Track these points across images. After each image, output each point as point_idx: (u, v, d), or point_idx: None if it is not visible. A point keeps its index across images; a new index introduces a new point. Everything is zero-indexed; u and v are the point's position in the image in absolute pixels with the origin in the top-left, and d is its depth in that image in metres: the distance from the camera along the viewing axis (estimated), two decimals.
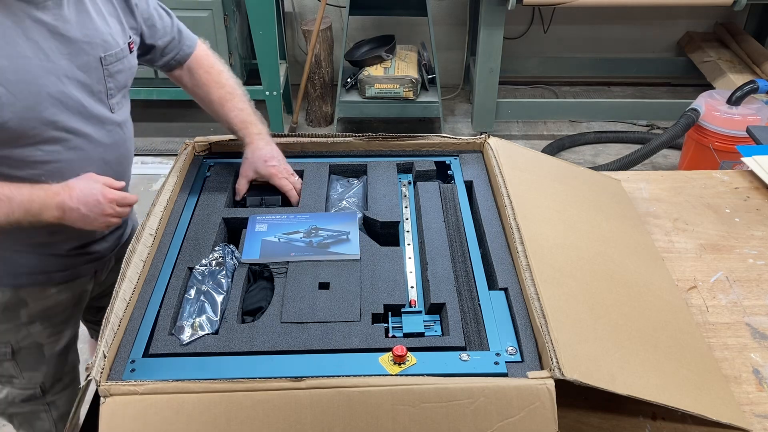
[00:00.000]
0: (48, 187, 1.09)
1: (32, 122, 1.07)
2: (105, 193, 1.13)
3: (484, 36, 3.38)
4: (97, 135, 1.19)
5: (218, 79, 1.44)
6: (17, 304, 1.26)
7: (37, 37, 1.05)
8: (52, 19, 1.07)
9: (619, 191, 1.51)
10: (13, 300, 1.24)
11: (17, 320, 1.27)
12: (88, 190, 1.12)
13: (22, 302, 1.26)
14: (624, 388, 0.92)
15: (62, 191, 1.10)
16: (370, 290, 1.10)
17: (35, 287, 1.25)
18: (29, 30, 1.04)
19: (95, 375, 0.89)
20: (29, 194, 1.06)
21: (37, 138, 1.09)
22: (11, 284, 1.23)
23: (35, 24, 1.05)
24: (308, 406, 0.88)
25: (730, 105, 2.84)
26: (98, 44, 1.15)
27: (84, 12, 1.13)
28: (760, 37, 3.87)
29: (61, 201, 1.09)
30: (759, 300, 1.25)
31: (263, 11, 3.16)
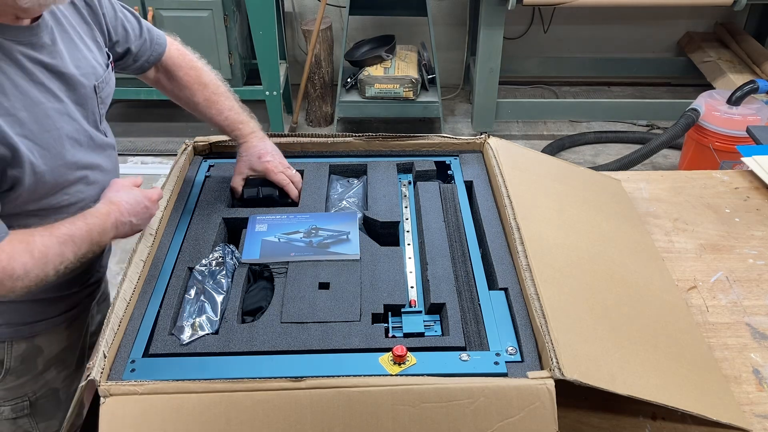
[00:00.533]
0: (96, 212, 1.07)
1: (61, 169, 1.05)
2: (147, 196, 1.14)
3: (484, 36, 3.38)
4: (104, 163, 1.17)
5: (200, 79, 1.38)
6: (34, 354, 1.21)
7: (42, 78, 1.01)
8: (49, 57, 1.02)
9: (619, 191, 1.51)
10: (29, 350, 1.20)
11: (35, 370, 1.22)
12: (133, 200, 1.11)
13: (38, 350, 1.21)
14: (624, 388, 0.92)
15: (111, 210, 1.08)
16: (370, 290, 1.10)
17: (48, 333, 1.21)
18: (32, 73, 1.00)
19: (95, 375, 0.89)
20: (86, 226, 1.04)
21: (64, 183, 1.07)
22: (28, 334, 1.18)
23: (35, 66, 1.00)
24: (308, 406, 0.88)
25: (730, 105, 2.84)
26: (90, 74, 1.11)
27: (70, 42, 1.09)
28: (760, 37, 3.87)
29: (114, 220, 1.08)
30: (759, 300, 1.25)
31: (263, 11, 3.16)
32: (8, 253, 0.93)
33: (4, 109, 0.94)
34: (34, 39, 1.00)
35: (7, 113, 0.94)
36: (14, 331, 1.16)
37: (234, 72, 3.30)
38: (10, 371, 1.19)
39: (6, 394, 1.22)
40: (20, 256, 0.94)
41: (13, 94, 0.96)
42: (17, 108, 0.96)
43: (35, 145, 0.98)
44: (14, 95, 0.96)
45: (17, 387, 1.22)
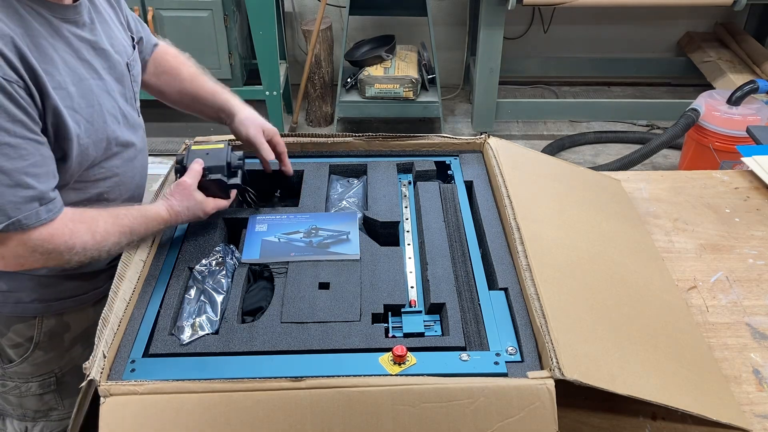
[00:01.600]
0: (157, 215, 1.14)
1: (102, 142, 1.10)
2: (205, 210, 1.19)
3: (484, 36, 3.38)
4: (137, 141, 1.22)
5: (185, 62, 1.42)
6: (62, 330, 1.25)
7: (87, 56, 1.06)
8: (91, 35, 1.08)
9: (619, 191, 1.51)
10: (58, 326, 1.24)
11: (61, 346, 1.27)
12: (192, 212, 1.18)
13: (66, 326, 1.26)
14: (624, 388, 0.92)
15: (170, 218, 1.15)
16: (370, 290, 1.10)
17: (76, 311, 1.26)
18: (79, 50, 1.05)
19: (95, 375, 0.89)
20: (145, 225, 1.12)
21: (102, 157, 1.12)
22: (57, 310, 1.23)
23: (81, 43, 1.06)
24: (308, 406, 0.88)
25: (730, 105, 2.84)
26: (123, 51, 1.16)
27: (103, 21, 1.14)
28: (760, 37, 3.87)
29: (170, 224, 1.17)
30: (759, 300, 1.25)
31: (263, 11, 3.16)
32: (71, 230, 1.01)
33: (56, 82, 0.99)
34: (77, 17, 1.05)
35: (59, 86, 0.99)
36: (45, 307, 1.21)
37: (234, 72, 3.30)
38: (38, 346, 1.23)
39: (34, 369, 1.26)
40: (82, 235, 1.02)
41: (64, 69, 1.01)
42: (67, 82, 1.01)
43: (82, 118, 1.04)
44: (65, 70, 1.01)
45: (45, 363, 1.26)
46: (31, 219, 0.96)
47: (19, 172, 0.94)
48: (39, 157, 0.97)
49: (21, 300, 1.18)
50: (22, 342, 1.23)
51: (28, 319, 1.21)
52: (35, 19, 0.98)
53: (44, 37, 0.98)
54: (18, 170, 0.93)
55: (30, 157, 0.95)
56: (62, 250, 1.01)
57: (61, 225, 1.00)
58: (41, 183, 0.97)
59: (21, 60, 0.93)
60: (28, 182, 0.95)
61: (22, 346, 1.23)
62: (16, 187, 0.94)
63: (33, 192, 0.96)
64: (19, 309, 1.19)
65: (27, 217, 0.95)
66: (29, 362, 1.25)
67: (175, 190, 1.17)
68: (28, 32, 0.96)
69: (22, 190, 0.94)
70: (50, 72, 0.98)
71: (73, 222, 1.02)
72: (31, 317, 1.21)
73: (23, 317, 1.20)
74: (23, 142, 0.94)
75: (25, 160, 0.94)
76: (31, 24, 0.97)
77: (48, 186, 0.99)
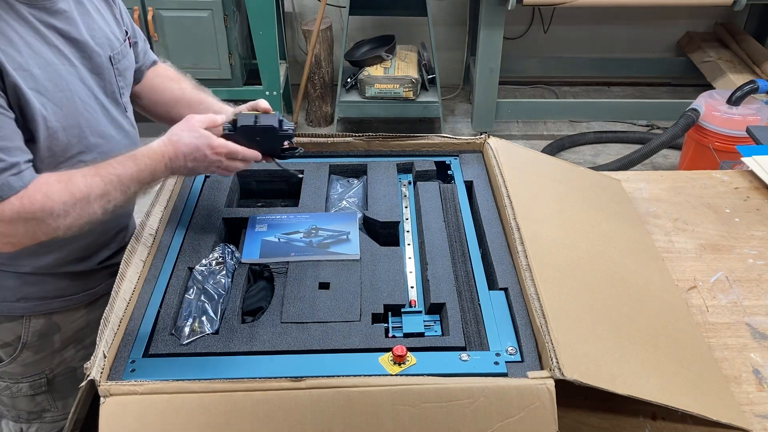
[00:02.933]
0: (151, 150, 1.06)
1: (74, 129, 1.06)
2: (211, 145, 1.08)
3: (484, 36, 3.38)
4: (119, 138, 1.17)
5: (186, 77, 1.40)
6: (50, 330, 1.23)
7: (55, 42, 1.04)
8: (63, 23, 1.05)
9: (619, 191, 1.51)
10: (46, 327, 1.22)
11: (51, 347, 1.25)
12: (192, 143, 1.07)
13: (55, 327, 1.23)
14: (624, 388, 0.92)
15: (166, 150, 1.06)
16: (370, 290, 1.10)
17: (66, 311, 1.23)
18: (46, 36, 1.02)
19: (95, 375, 0.89)
20: (135, 166, 1.04)
21: (79, 146, 1.08)
22: (45, 310, 1.21)
23: (49, 30, 1.03)
24: (308, 406, 0.88)
25: (730, 105, 2.84)
26: (105, 44, 1.13)
27: (85, 12, 1.11)
28: (760, 37, 3.87)
29: (168, 161, 1.07)
30: (759, 300, 1.25)
31: (263, 11, 3.16)
32: (44, 193, 0.96)
33: (17, 63, 0.96)
34: (48, 4, 1.03)
35: (20, 67, 0.96)
36: (31, 307, 1.18)
37: (234, 72, 3.29)
38: (27, 346, 1.21)
39: (24, 370, 1.24)
40: (59, 195, 0.97)
41: (26, 51, 0.98)
42: (30, 64, 0.98)
43: (48, 101, 1.00)
44: (27, 53, 0.98)
45: (34, 363, 1.24)
46: (3, 191, 0.94)
47: None
48: (8, 131, 0.95)
49: (6, 299, 1.17)
50: (11, 342, 1.21)
51: (15, 318, 1.19)
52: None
53: (4, 20, 0.96)
54: None
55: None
56: (42, 216, 0.97)
57: (34, 190, 0.96)
58: (11, 156, 0.95)
59: None
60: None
61: (10, 346, 1.22)
62: None
63: (2, 164, 0.94)
64: (4, 308, 1.18)
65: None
66: (18, 362, 1.23)
67: (178, 124, 1.10)
68: None
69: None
70: (9, 53, 0.96)
71: (48, 184, 0.98)
72: (17, 317, 1.19)
73: (9, 316, 1.19)
74: None
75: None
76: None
77: (18, 158, 0.96)
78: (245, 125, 1.14)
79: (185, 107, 1.32)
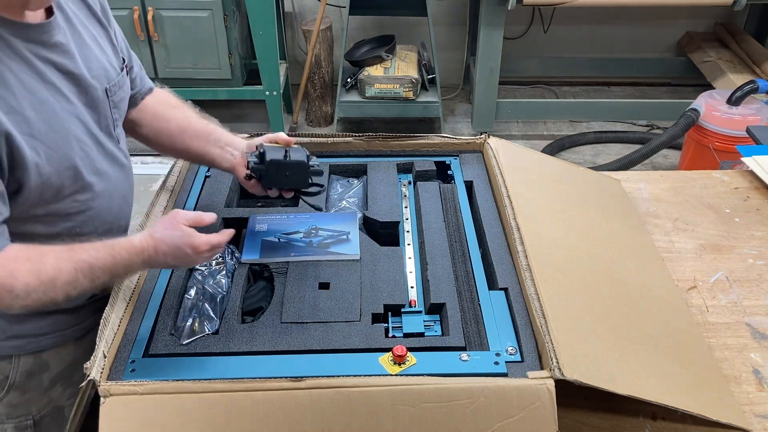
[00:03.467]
0: (130, 244, 0.99)
1: (68, 171, 0.99)
2: (192, 244, 1.02)
3: (484, 36, 3.38)
4: (113, 172, 1.11)
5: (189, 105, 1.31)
6: (40, 369, 1.15)
7: (52, 78, 0.97)
8: (60, 57, 0.98)
9: (619, 191, 1.51)
10: (36, 365, 1.14)
11: (40, 386, 1.16)
12: (174, 243, 1.01)
13: (45, 366, 1.16)
14: (624, 388, 0.92)
15: (147, 246, 1.00)
16: (370, 290, 1.10)
17: (56, 348, 1.15)
18: (42, 72, 0.95)
19: (95, 375, 0.89)
20: (111, 258, 0.97)
21: (72, 188, 1.01)
22: (34, 349, 1.13)
23: (46, 65, 0.96)
24: (308, 406, 0.88)
25: (730, 105, 2.83)
26: (101, 76, 1.06)
27: (81, 43, 1.04)
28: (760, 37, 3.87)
29: (147, 258, 1.00)
30: (759, 300, 1.25)
31: (263, 11, 3.16)
32: (10, 270, 0.89)
33: (10, 106, 0.90)
34: (45, 37, 0.96)
35: (12, 111, 0.90)
36: (21, 345, 1.11)
37: (234, 72, 3.29)
38: (14, 386, 1.14)
39: (10, 411, 1.17)
40: (24, 276, 0.90)
41: (20, 92, 0.92)
42: (24, 106, 0.92)
43: (41, 145, 0.94)
44: (21, 93, 0.92)
45: (22, 404, 1.17)
46: None
47: None
48: None
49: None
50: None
51: (3, 358, 1.11)
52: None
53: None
54: None
55: None
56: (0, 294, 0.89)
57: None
58: None
59: None
60: None
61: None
62: None
63: None
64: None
65: None
66: (4, 404, 1.15)
67: (162, 218, 1.05)
68: None
69: None
70: (1, 95, 0.89)
71: (16, 260, 0.90)
72: (6, 356, 1.11)
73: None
74: None
75: None
76: None
77: None
78: (275, 159, 1.11)
79: (193, 137, 1.25)
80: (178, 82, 3.26)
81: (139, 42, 3.11)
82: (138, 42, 3.11)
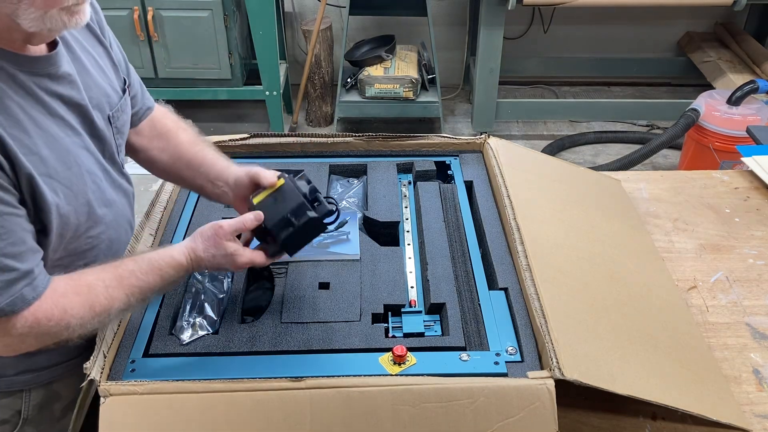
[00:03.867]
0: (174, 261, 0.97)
1: (83, 208, 0.97)
2: (236, 264, 1.00)
3: (484, 36, 3.38)
4: (119, 200, 1.08)
5: (186, 127, 1.25)
6: (52, 400, 1.13)
7: (61, 112, 0.93)
8: (66, 89, 0.95)
9: (619, 191, 1.51)
10: (47, 397, 1.12)
11: (52, 418, 1.14)
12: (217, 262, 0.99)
13: (56, 396, 1.13)
14: (624, 388, 0.92)
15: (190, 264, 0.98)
16: (370, 290, 1.10)
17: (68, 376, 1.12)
18: (51, 107, 0.92)
19: (95, 375, 0.89)
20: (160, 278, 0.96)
21: (86, 225, 0.99)
22: (46, 380, 1.10)
23: (53, 98, 0.92)
24: (308, 406, 0.88)
25: (730, 105, 2.83)
26: (103, 103, 1.03)
27: (83, 71, 1.00)
28: (760, 37, 3.87)
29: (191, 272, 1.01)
30: (759, 300, 1.25)
31: (263, 11, 3.16)
32: (62, 307, 0.88)
33: (27, 147, 0.86)
34: (52, 69, 0.92)
35: (29, 152, 0.87)
36: (33, 378, 1.08)
37: (234, 72, 3.29)
38: (27, 421, 1.11)
39: None
40: (77, 310, 0.89)
41: (33, 130, 0.88)
42: (39, 145, 0.88)
43: (59, 184, 0.91)
44: (34, 132, 0.88)
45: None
46: (15, 304, 0.84)
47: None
48: (20, 233, 0.85)
49: (5, 374, 1.06)
50: (8, 418, 1.10)
51: (15, 392, 1.08)
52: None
53: (8, 96, 0.86)
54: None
55: (8, 236, 0.83)
56: (56, 331, 0.88)
57: (50, 304, 0.87)
58: (23, 262, 0.85)
59: None
60: (7, 264, 0.83)
61: (8, 423, 1.11)
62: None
63: (15, 274, 0.84)
64: (3, 384, 1.07)
65: (11, 303, 0.83)
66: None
67: (204, 231, 1.00)
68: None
69: (2, 274, 0.83)
70: (17, 137, 0.85)
71: (65, 297, 0.89)
72: (17, 391, 1.08)
73: (9, 391, 1.08)
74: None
75: (3, 239, 0.82)
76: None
77: (31, 264, 0.86)
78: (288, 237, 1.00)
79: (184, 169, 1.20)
80: (178, 82, 3.26)
81: (139, 42, 3.11)
82: (138, 42, 3.11)
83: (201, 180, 1.18)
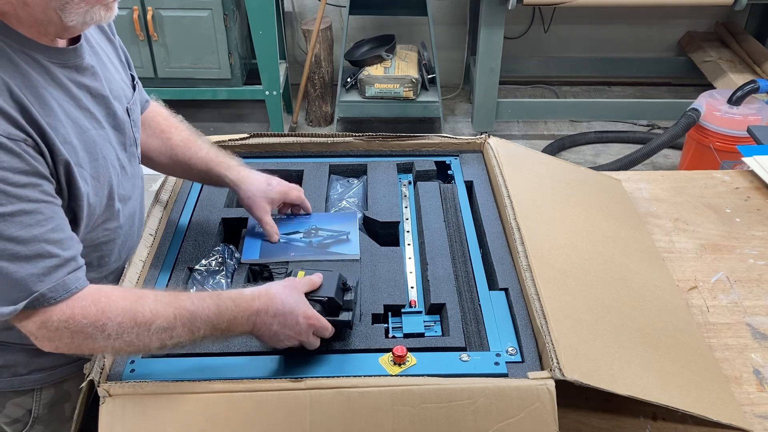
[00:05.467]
0: (241, 296, 0.93)
1: (105, 200, 0.98)
2: (306, 314, 0.95)
3: (485, 36, 3.38)
4: (134, 194, 1.09)
5: (178, 125, 1.26)
6: (61, 399, 1.13)
7: (87, 103, 0.95)
8: (91, 80, 0.96)
9: (619, 191, 1.51)
10: (57, 396, 1.12)
11: (62, 417, 1.14)
12: (290, 305, 0.94)
13: (66, 395, 1.13)
14: (624, 388, 0.92)
15: (260, 302, 0.93)
16: (370, 290, 1.10)
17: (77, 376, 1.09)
18: (79, 98, 0.93)
19: (95, 375, 0.89)
20: (216, 308, 0.90)
21: (104, 216, 0.99)
22: (57, 379, 1.10)
23: (80, 90, 0.94)
24: (308, 406, 0.88)
25: (730, 105, 2.83)
26: (121, 95, 1.04)
27: (101, 63, 1.01)
28: (761, 36, 3.87)
29: (255, 314, 0.93)
30: (759, 300, 1.25)
31: (263, 11, 3.15)
32: (102, 307, 0.85)
33: (62, 136, 0.87)
34: (78, 61, 0.94)
35: (64, 140, 0.88)
36: (44, 377, 1.09)
37: (234, 72, 3.29)
38: (38, 420, 1.12)
39: None
40: (117, 315, 0.85)
41: (66, 121, 0.90)
42: (71, 135, 0.89)
43: (88, 175, 0.92)
44: (66, 122, 0.90)
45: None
46: (57, 291, 0.83)
47: (38, 240, 0.81)
48: (59, 221, 0.85)
49: (18, 373, 1.06)
50: (20, 417, 1.11)
51: (26, 391, 1.09)
52: (31, 66, 0.86)
53: (43, 86, 0.87)
54: (37, 238, 0.81)
55: (48, 222, 0.83)
56: (92, 332, 0.84)
57: (90, 301, 0.85)
58: (65, 250, 0.85)
59: (23, 114, 0.82)
60: (49, 250, 0.82)
61: (19, 422, 1.11)
62: (36, 258, 0.81)
63: (57, 260, 0.83)
64: (15, 382, 1.07)
65: (53, 289, 0.82)
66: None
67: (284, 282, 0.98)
68: (26, 82, 0.84)
69: (44, 260, 0.82)
70: (54, 126, 0.86)
71: (109, 298, 0.86)
72: (28, 390, 1.09)
73: (20, 390, 1.08)
74: (39, 206, 0.82)
75: (43, 225, 0.82)
76: (28, 73, 0.85)
77: (73, 252, 0.86)
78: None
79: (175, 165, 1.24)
80: (178, 82, 3.26)
81: (138, 42, 3.11)
82: (138, 42, 3.11)
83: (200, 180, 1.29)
